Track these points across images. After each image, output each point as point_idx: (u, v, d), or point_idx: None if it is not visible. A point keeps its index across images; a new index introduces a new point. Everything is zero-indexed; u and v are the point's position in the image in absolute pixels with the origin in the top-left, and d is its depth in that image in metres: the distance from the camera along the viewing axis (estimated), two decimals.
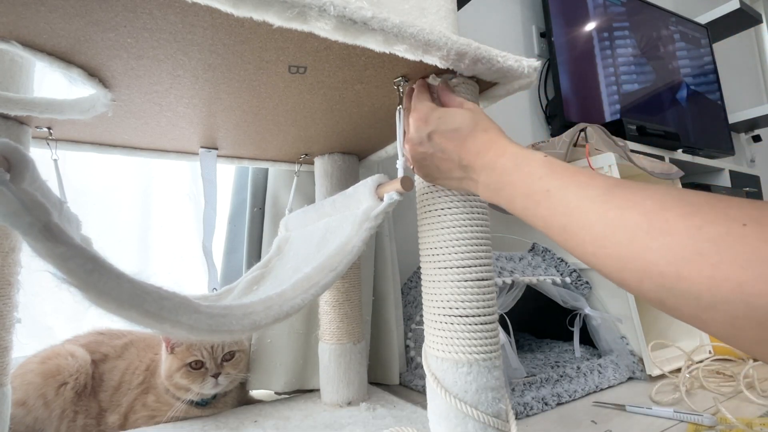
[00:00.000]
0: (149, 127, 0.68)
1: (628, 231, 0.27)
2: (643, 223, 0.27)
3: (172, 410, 0.72)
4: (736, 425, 0.65)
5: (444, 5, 0.52)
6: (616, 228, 0.28)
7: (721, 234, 0.23)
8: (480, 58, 0.47)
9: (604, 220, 0.29)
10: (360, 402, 0.80)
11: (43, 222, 0.30)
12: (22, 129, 0.62)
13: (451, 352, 0.46)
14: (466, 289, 0.46)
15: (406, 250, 1.15)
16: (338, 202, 0.65)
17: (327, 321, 0.83)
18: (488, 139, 0.42)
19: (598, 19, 1.66)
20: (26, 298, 0.61)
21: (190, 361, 0.71)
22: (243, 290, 0.69)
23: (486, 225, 0.49)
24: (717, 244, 0.23)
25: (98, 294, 0.30)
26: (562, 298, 0.99)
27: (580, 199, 0.32)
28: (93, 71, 0.51)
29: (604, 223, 0.29)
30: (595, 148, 1.08)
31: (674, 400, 0.81)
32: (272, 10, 0.37)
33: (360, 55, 0.49)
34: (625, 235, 0.28)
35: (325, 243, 0.61)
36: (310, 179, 0.93)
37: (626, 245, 0.27)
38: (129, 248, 0.98)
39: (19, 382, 0.66)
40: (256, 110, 0.64)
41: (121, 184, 0.98)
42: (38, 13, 0.40)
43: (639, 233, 0.27)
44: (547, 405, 0.79)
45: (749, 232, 0.22)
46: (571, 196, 0.33)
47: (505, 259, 1.02)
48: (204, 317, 0.36)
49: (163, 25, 0.43)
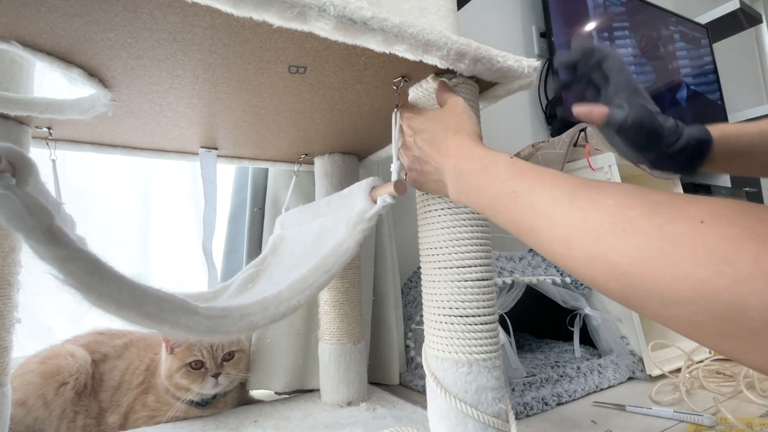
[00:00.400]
0: (149, 127, 0.68)
1: (592, 232, 0.28)
2: (606, 223, 0.27)
3: (172, 410, 0.72)
4: (736, 425, 0.65)
5: (444, 5, 0.52)
6: (580, 229, 0.29)
7: (680, 232, 0.23)
8: (480, 57, 0.47)
9: (569, 221, 0.30)
10: (360, 402, 0.80)
11: (46, 225, 0.30)
12: (22, 129, 0.62)
13: (451, 352, 0.46)
14: (466, 289, 0.46)
15: (406, 250, 1.15)
16: (333, 202, 0.65)
17: (327, 321, 0.83)
18: (457, 142, 0.43)
19: (598, 19, 1.66)
20: (26, 298, 0.61)
21: (190, 361, 0.71)
22: (238, 288, 0.69)
23: (486, 225, 0.49)
24: (677, 242, 0.23)
25: (99, 296, 0.31)
26: (562, 298, 0.99)
27: (546, 201, 0.32)
28: (93, 71, 0.51)
29: (570, 225, 0.29)
30: (595, 148, 1.08)
31: (674, 400, 0.81)
32: (272, 10, 0.37)
33: (360, 55, 0.49)
34: (589, 236, 0.28)
35: (320, 243, 0.61)
36: (309, 179, 0.93)
37: (591, 246, 0.28)
38: (129, 248, 0.98)
39: (19, 382, 0.66)
40: (256, 110, 0.64)
41: (121, 184, 0.98)
42: (38, 13, 0.40)
43: (603, 233, 0.27)
44: (547, 405, 0.79)
45: (707, 229, 0.23)
46: (536, 197, 0.33)
47: (505, 259, 1.02)
48: (202, 319, 0.36)
49: (163, 25, 0.43)
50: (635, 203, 0.27)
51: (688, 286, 0.22)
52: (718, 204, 0.24)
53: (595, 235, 0.27)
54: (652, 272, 0.24)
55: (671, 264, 0.23)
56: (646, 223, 0.25)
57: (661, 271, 0.23)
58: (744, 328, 0.20)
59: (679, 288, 0.23)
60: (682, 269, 0.23)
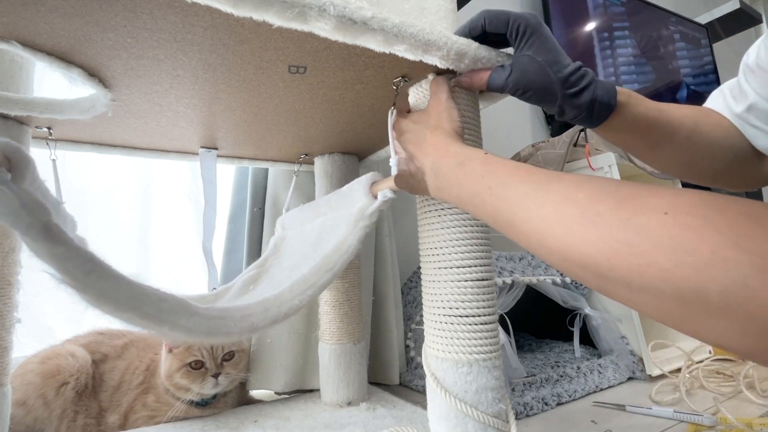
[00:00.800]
0: (149, 127, 0.68)
1: (563, 225, 0.29)
2: (576, 216, 0.28)
3: (172, 410, 0.72)
4: (736, 425, 0.65)
5: (444, 5, 0.52)
6: (552, 222, 0.30)
7: (645, 224, 0.25)
8: (480, 57, 0.47)
9: (542, 214, 0.31)
10: (360, 402, 0.80)
11: (43, 222, 0.30)
12: (22, 129, 0.62)
13: (451, 352, 0.46)
14: (466, 289, 0.46)
15: (406, 250, 1.15)
16: (333, 200, 0.65)
17: (327, 321, 0.83)
18: (434, 139, 0.44)
19: (598, 19, 1.65)
20: (26, 298, 0.61)
21: (190, 361, 0.71)
22: (240, 289, 0.69)
23: (486, 225, 0.49)
24: (641, 234, 0.25)
25: (96, 295, 0.30)
26: (562, 298, 0.99)
27: (519, 195, 0.33)
28: (93, 71, 0.51)
29: (543, 218, 0.31)
30: (595, 148, 1.08)
31: (674, 400, 0.81)
32: (272, 10, 0.37)
33: (360, 55, 0.49)
34: (561, 229, 0.29)
35: (321, 242, 0.61)
36: (309, 179, 0.93)
37: (563, 238, 0.29)
38: (129, 248, 0.98)
39: (19, 382, 0.66)
40: (256, 110, 0.64)
41: (121, 184, 0.98)
42: (38, 13, 0.40)
43: (574, 226, 0.28)
44: (547, 405, 0.79)
45: (669, 220, 0.24)
46: (510, 192, 0.34)
47: (505, 259, 1.02)
48: (202, 319, 0.36)
49: (163, 25, 0.43)
50: (603, 196, 0.28)
51: (654, 274, 0.24)
52: (680, 195, 0.25)
53: (567, 228, 0.29)
54: (619, 263, 0.25)
55: (637, 254, 0.24)
56: (613, 215, 0.26)
57: (628, 262, 0.25)
58: (705, 311, 0.22)
59: (645, 276, 0.24)
60: (647, 259, 0.24)
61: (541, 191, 0.32)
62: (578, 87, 0.45)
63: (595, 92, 0.46)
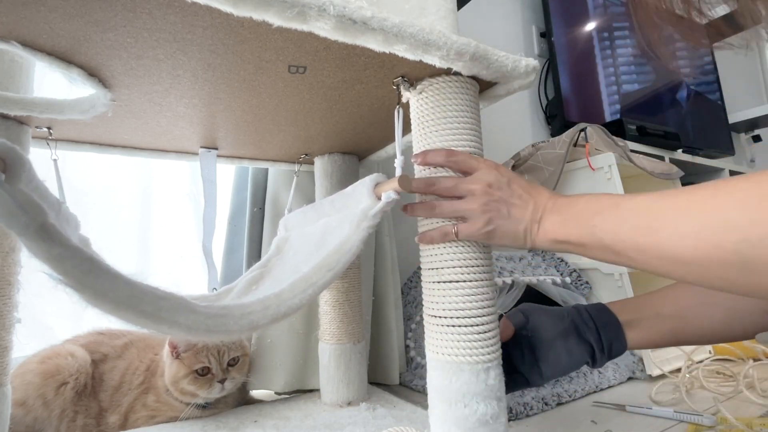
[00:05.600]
0: (149, 127, 0.68)
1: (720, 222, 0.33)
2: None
3: (173, 412, 0.72)
4: (736, 425, 0.65)
5: (444, 5, 0.52)
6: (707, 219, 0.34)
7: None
8: (480, 57, 0.47)
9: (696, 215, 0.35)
10: (360, 402, 0.80)
11: (39, 222, 0.29)
12: (22, 129, 0.62)
13: (451, 354, 0.46)
14: (466, 290, 0.46)
15: (406, 250, 1.15)
16: (337, 201, 0.64)
17: (327, 321, 0.82)
18: (538, 188, 0.49)
19: (598, 18, 1.65)
20: (26, 298, 0.61)
21: (198, 368, 0.71)
22: (242, 290, 0.69)
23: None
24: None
25: (95, 295, 0.30)
26: (562, 298, 0.99)
27: (651, 201, 0.38)
28: (93, 71, 0.51)
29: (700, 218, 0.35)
30: (595, 148, 1.08)
31: (674, 400, 0.81)
32: (272, 10, 0.37)
33: (360, 55, 0.49)
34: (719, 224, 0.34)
35: (324, 243, 0.61)
36: (310, 179, 0.93)
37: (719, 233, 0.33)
38: (129, 248, 0.98)
39: (18, 382, 0.66)
40: (256, 110, 0.64)
41: (121, 184, 0.98)
42: (38, 13, 0.40)
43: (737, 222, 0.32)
44: (547, 405, 0.79)
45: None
46: (640, 200, 0.39)
47: (505, 259, 1.02)
48: (202, 317, 0.36)
49: (162, 25, 0.43)
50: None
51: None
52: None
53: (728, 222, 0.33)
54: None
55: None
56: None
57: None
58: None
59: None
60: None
61: (676, 198, 0.37)
62: (587, 331, 0.56)
63: (598, 328, 0.56)
